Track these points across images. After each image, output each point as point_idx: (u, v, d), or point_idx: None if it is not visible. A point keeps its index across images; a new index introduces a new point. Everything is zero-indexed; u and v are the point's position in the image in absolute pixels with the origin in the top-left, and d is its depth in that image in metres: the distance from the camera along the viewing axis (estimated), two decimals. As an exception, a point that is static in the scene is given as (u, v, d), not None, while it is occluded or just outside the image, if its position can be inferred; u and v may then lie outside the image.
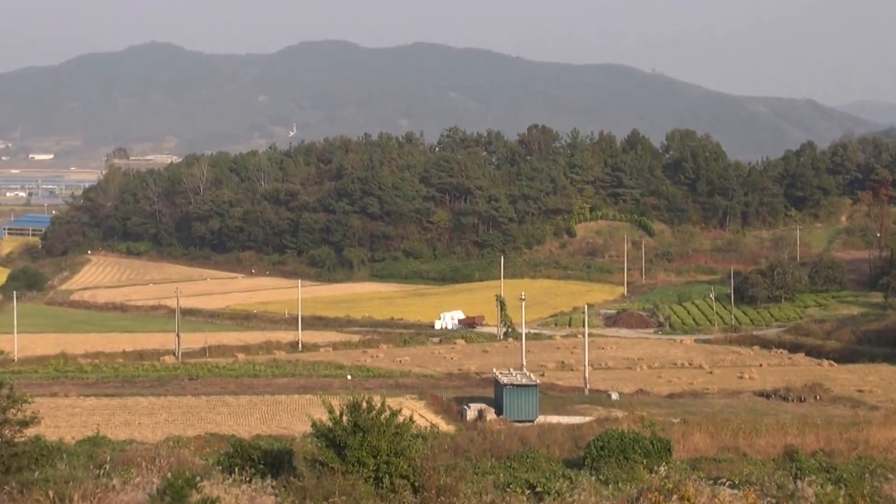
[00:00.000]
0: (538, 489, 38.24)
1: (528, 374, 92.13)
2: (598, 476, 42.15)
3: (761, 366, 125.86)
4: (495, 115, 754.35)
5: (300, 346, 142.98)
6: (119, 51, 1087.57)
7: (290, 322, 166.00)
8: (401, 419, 36.40)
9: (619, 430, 51.45)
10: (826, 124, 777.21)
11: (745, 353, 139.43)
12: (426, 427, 72.02)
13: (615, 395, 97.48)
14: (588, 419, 79.12)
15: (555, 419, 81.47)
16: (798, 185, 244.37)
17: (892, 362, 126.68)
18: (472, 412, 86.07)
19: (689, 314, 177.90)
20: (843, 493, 36.40)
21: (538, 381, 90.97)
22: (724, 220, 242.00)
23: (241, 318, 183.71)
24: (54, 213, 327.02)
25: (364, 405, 35.87)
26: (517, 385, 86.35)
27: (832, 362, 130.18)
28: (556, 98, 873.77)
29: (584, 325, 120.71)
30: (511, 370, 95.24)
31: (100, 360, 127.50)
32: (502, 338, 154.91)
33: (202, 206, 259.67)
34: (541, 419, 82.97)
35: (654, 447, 48.37)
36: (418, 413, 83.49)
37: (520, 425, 77.68)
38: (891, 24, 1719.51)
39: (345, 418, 35.66)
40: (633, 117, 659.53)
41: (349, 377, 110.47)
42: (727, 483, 37.41)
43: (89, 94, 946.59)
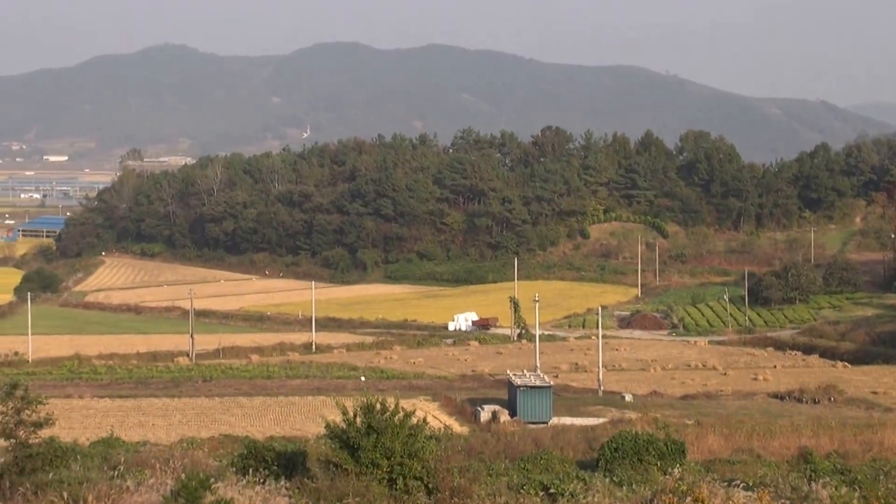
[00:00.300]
0: (552, 491, 38.28)
1: (541, 375, 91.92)
2: (612, 478, 42.21)
3: (775, 367, 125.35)
4: (508, 117, 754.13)
5: (314, 347, 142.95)
6: (133, 52, 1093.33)
7: (304, 323, 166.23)
8: (414, 421, 36.42)
9: (633, 432, 51.45)
10: (839, 125, 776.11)
11: (759, 354, 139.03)
12: (440, 429, 71.99)
13: (629, 397, 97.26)
14: (602, 421, 79.07)
15: (568, 421, 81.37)
16: (812, 187, 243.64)
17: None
18: (485, 414, 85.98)
19: (703, 316, 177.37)
20: (857, 495, 36.38)
21: (552, 382, 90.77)
22: (738, 222, 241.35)
23: (255, 320, 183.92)
24: (68, 214, 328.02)
25: (378, 407, 35.89)
26: (531, 386, 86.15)
27: (846, 364, 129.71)
28: (568, 99, 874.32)
29: (597, 327, 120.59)
30: (525, 372, 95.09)
31: (114, 361, 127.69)
32: (516, 339, 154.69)
33: (216, 208, 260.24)
34: (554, 421, 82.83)
35: (668, 449, 48.40)
36: (432, 414, 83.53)
37: (533, 427, 77.59)
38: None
39: (358, 420, 35.68)
40: (646, 118, 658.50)
41: (363, 379, 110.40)
42: (741, 485, 37.34)
43: (103, 95, 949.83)
